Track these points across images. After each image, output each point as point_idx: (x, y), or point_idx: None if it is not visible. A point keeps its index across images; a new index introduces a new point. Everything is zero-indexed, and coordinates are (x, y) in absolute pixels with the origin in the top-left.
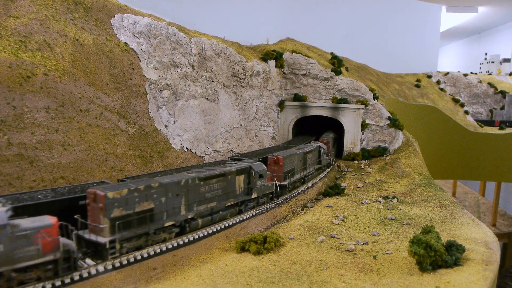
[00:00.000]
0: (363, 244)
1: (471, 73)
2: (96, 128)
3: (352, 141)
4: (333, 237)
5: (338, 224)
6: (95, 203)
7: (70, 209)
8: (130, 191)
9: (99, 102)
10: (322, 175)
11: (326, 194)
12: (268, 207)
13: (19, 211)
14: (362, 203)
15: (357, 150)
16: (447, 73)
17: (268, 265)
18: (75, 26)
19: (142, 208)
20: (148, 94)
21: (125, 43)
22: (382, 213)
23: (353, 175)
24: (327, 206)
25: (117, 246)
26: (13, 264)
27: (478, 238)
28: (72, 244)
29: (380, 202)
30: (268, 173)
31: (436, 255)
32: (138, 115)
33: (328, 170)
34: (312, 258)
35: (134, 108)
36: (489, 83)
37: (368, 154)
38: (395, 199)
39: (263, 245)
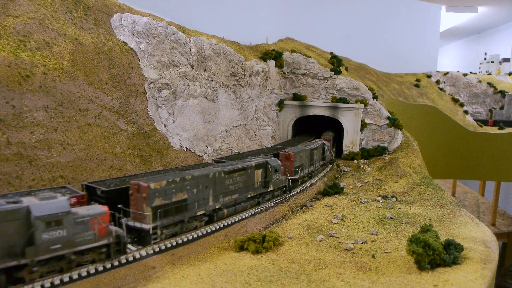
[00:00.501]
0: (362, 243)
1: (471, 73)
2: (95, 127)
3: (352, 140)
4: (332, 236)
5: (337, 223)
6: (139, 193)
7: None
8: (168, 182)
9: (98, 102)
10: (326, 170)
11: (325, 193)
12: (267, 206)
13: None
14: (361, 202)
15: (356, 149)
16: (446, 73)
17: (267, 264)
18: (74, 25)
19: (178, 198)
20: (147, 94)
21: (124, 42)
22: (381, 212)
23: (352, 175)
24: (326, 205)
25: (158, 232)
26: (74, 247)
27: (477, 237)
28: (120, 230)
29: (379, 201)
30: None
31: (435, 254)
32: (137, 115)
33: (330, 166)
34: (310, 257)
35: (133, 107)
36: (489, 83)
37: (368, 154)
38: (394, 198)
39: (262, 244)
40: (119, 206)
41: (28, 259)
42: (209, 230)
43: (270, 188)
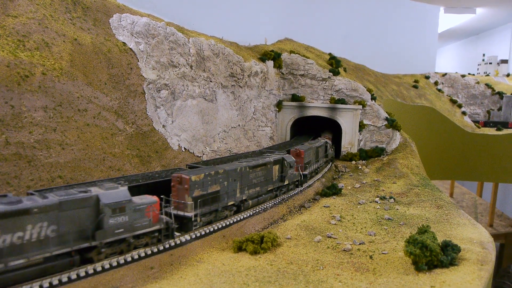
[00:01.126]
0: (360, 244)
1: (469, 74)
2: (94, 127)
3: (350, 141)
4: (330, 237)
5: (335, 224)
6: (181, 185)
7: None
8: (205, 175)
9: (97, 102)
10: (329, 166)
11: (323, 194)
12: (265, 207)
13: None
14: (359, 203)
15: (354, 150)
16: (445, 74)
17: (265, 265)
18: (73, 25)
19: (212, 190)
20: (146, 94)
21: (124, 42)
22: (379, 213)
23: (351, 176)
24: (324, 206)
25: (198, 219)
26: (133, 231)
27: (474, 238)
28: (167, 218)
29: (377, 202)
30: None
31: (432, 255)
32: (136, 115)
33: (331, 163)
34: (308, 258)
35: (132, 108)
36: (487, 84)
37: (366, 155)
38: (392, 199)
39: (260, 244)
40: (162, 196)
41: (97, 242)
42: (207, 231)
43: (286, 182)
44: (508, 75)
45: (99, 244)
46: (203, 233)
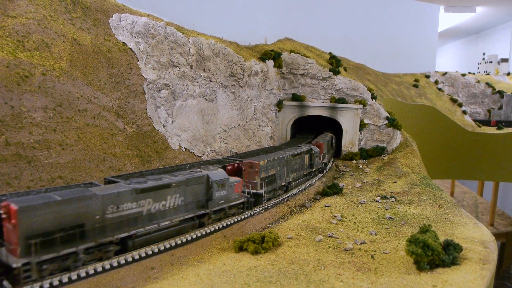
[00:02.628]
0: (361, 243)
1: (469, 73)
2: (94, 127)
3: (351, 140)
4: (331, 236)
5: (336, 223)
6: (251, 169)
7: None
8: (268, 161)
9: (97, 102)
10: (332, 159)
11: (324, 193)
12: (266, 206)
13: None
14: (360, 202)
15: (355, 149)
16: (445, 73)
17: (266, 265)
18: (73, 25)
19: (271, 173)
20: (146, 94)
21: (123, 42)
22: (380, 213)
23: (351, 175)
24: (325, 206)
25: (265, 196)
26: (229, 203)
27: (476, 237)
28: (244, 194)
29: (378, 201)
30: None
31: (434, 254)
32: (136, 115)
33: (333, 159)
34: (310, 258)
35: (132, 108)
36: (487, 83)
37: (366, 154)
38: (393, 198)
39: (261, 244)
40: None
41: (209, 210)
42: (208, 231)
43: (314, 168)
44: (508, 74)
45: (210, 211)
46: (202, 233)
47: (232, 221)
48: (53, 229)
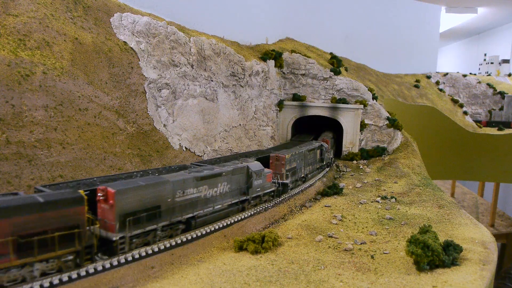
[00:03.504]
0: (361, 243)
1: (470, 73)
2: (95, 127)
3: (351, 141)
4: (331, 236)
5: (336, 223)
6: (278, 161)
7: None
8: (291, 155)
9: (98, 101)
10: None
11: (324, 194)
12: (266, 206)
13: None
14: (360, 203)
15: (355, 150)
16: (446, 74)
17: (266, 264)
18: (74, 25)
19: (293, 165)
20: (147, 93)
21: (124, 42)
22: (380, 213)
23: (352, 175)
24: (325, 206)
25: (290, 185)
26: (263, 190)
27: (476, 238)
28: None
29: (378, 202)
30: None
31: (434, 254)
32: (137, 114)
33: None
34: (310, 258)
35: (133, 107)
36: (488, 84)
37: (367, 154)
38: (393, 199)
39: (261, 244)
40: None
41: (249, 196)
42: (208, 230)
43: (324, 162)
44: (509, 74)
45: (250, 197)
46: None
47: (232, 221)
48: (139, 209)
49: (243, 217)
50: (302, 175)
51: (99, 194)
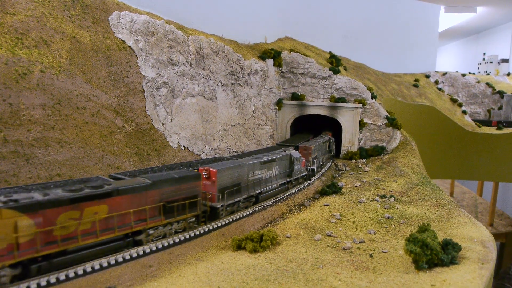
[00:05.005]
0: (360, 242)
1: (469, 73)
2: (93, 125)
3: (350, 140)
4: (330, 235)
5: (335, 222)
6: (306, 151)
7: None
8: (315, 146)
9: (96, 100)
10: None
11: (323, 192)
12: (265, 205)
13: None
14: (359, 202)
15: (354, 149)
16: (445, 73)
17: (264, 263)
18: (72, 23)
19: (315, 155)
20: (145, 92)
21: (123, 40)
22: (379, 212)
23: (351, 174)
24: (324, 205)
25: (316, 170)
26: (300, 174)
27: (475, 237)
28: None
29: (377, 201)
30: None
31: (432, 253)
32: (135, 113)
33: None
34: (308, 256)
35: (131, 106)
36: (487, 83)
37: (366, 153)
38: (392, 198)
39: (259, 243)
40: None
41: (292, 178)
42: (206, 229)
43: (331, 154)
44: (508, 74)
45: (292, 179)
46: (202, 231)
47: (232, 220)
48: (229, 184)
49: (240, 216)
50: (321, 163)
51: (203, 173)
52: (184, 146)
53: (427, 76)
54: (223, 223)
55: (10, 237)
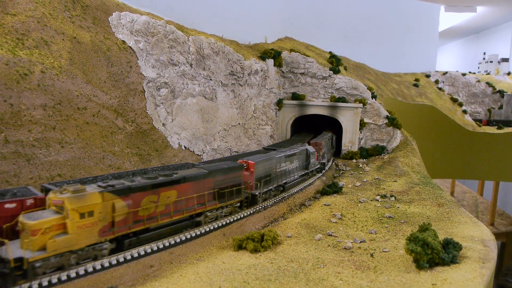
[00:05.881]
0: (361, 242)
1: (470, 72)
2: (94, 126)
3: (351, 140)
4: (331, 235)
5: (336, 222)
6: (316, 146)
7: None
8: (324, 141)
9: (97, 100)
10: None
11: (324, 192)
12: (265, 205)
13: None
14: (360, 201)
15: (355, 149)
16: (445, 73)
17: (265, 263)
18: (72, 24)
19: (324, 150)
20: (146, 92)
21: (123, 41)
22: (379, 212)
23: (351, 174)
24: (325, 205)
25: (327, 164)
26: (314, 167)
27: (475, 236)
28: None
29: (377, 200)
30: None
31: (433, 252)
32: (135, 113)
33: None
34: (309, 256)
35: (132, 106)
36: (487, 83)
37: (366, 153)
38: (393, 197)
39: (260, 243)
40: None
41: (309, 170)
42: (207, 229)
43: (334, 149)
44: (508, 73)
45: (309, 171)
46: (203, 231)
47: (232, 220)
48: (263, 175)
49: (242, 216)
50: (328, 158)
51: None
52: (184, 146)
53: (428, 76)
54: (261, 207)
55: (110, 216)
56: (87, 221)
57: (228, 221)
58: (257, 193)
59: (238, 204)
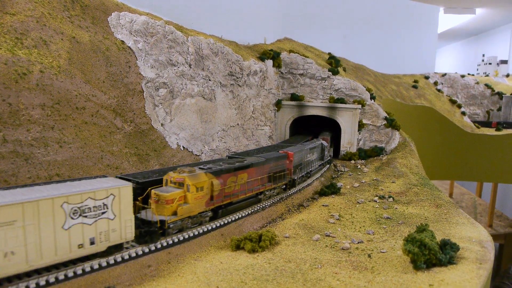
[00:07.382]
0: (358, 242)
1: (469, 74)
2: (92, 125)
3: (349, 141)
4: (329, 235)
5: (334, 223)
6: (324, 141)
7: None
8: (330, 137)
9: (95, 100)
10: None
11: (322, 193)
12: (264, 205)
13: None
14: (358, 202)
15: (353, 150)
16: (444, 74)
17: (263, 263)
18: (71, 23)
19: (328, 145)
20: (145, 93)
21: (122, 41)
22: (377, 212)
23: (350, 175)
24: (323, 205)
25: (329, 156)
26: (327, 158)
27: (473, 237)
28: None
29: (376, 201)
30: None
31: (430, 253)
32: (134, 113)
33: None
34: (307, 256)
35: (131, 106)
36: (486, 85)
37: (365, 154)
38: (391, 198)
39: (258, 243)
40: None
41: (324, 161)
42: (205, 229)
43: (332, 148)
44: (507, 75)
45: (324, 162)
46: (201, 231)
47: (231, 220)
48: (298, 163)
49: (240, 216)
50: (331, 154)
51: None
52: (183, 147)
53: (426, 77)
54: (298, 189)
55: (211, 191)
56: (199, 194)
57: (226, 221)
58: (296, 178)
59: (284, 186)
